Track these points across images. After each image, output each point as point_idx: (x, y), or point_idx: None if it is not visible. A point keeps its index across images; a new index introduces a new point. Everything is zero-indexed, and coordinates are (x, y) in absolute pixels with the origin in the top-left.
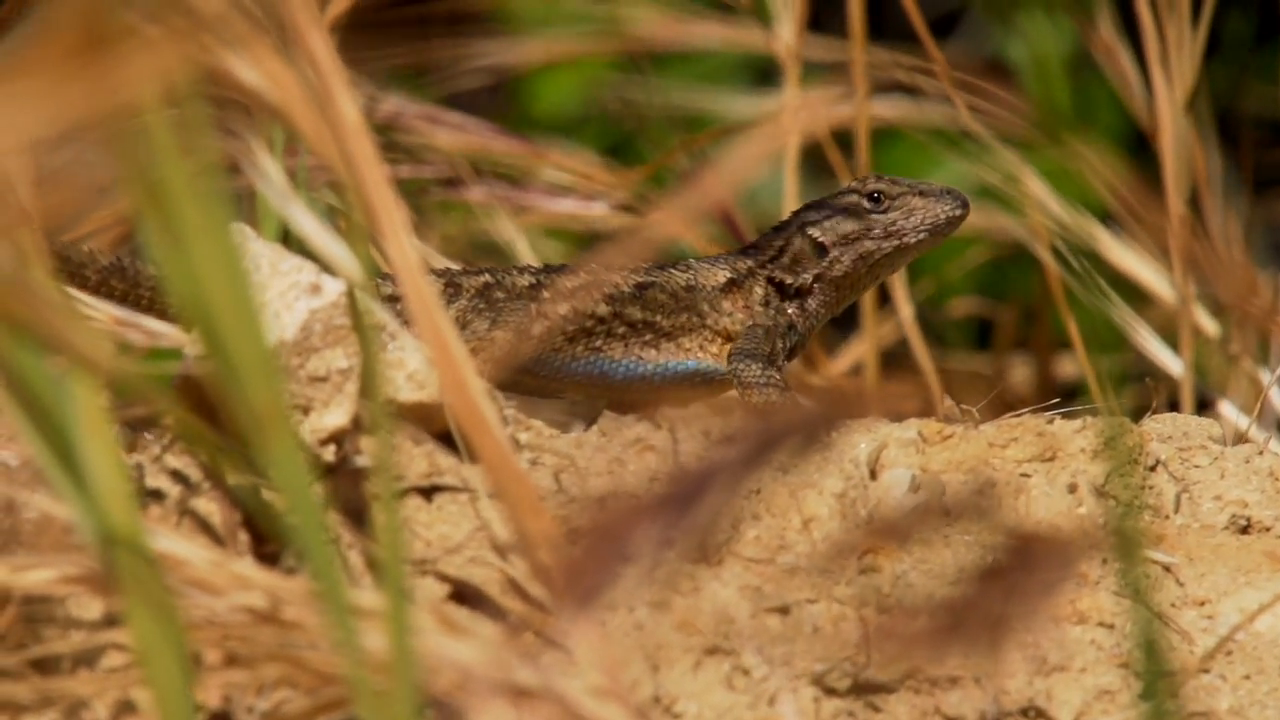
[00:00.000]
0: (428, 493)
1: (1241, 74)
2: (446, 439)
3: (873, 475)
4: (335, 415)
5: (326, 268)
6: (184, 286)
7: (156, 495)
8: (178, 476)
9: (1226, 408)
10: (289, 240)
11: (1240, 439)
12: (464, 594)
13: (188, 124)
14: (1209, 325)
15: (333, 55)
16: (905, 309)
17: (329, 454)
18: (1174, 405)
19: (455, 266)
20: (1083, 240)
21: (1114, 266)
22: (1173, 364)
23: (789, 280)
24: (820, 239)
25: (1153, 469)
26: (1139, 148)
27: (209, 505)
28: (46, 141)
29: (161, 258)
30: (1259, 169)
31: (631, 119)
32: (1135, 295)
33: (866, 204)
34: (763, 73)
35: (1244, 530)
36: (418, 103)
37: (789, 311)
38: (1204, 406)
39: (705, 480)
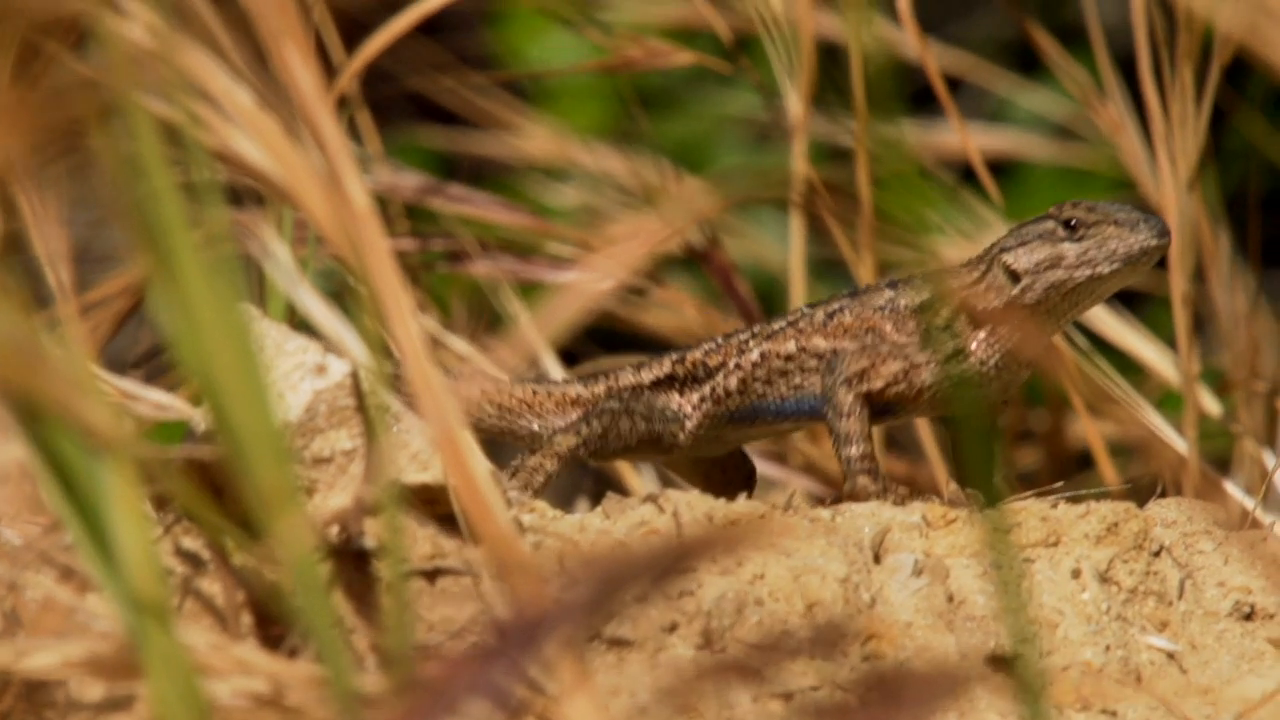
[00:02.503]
0: (431, 575)
1: (1248, 149)
2: (450, 521)
3: (876, 560)
4: (339, 497)
5: (332, 348)
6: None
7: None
8: (182, 556)
9: (1232, 491)
10: (295, 319)
11: (1245, 524)
12: None
13: (197, 196)
14: (1213, 407)
15: (341, 136)
16: None
17: (332, 535)
18: (1179, 489)
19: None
20: (1086, 318)
21: (1116, 344)
22: (1178, 443)
23: (979, 305)
24: (1013, 265)
25: (1156, 554)
26: None
27: (212, 586)
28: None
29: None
30: (1267, 244)
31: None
32: (1138, 374)
33: (1062, 231)
34: (761, 132)
35: (1248, 617)
36: (424, 174)
37: (981, 338)
38: (1210, 489)
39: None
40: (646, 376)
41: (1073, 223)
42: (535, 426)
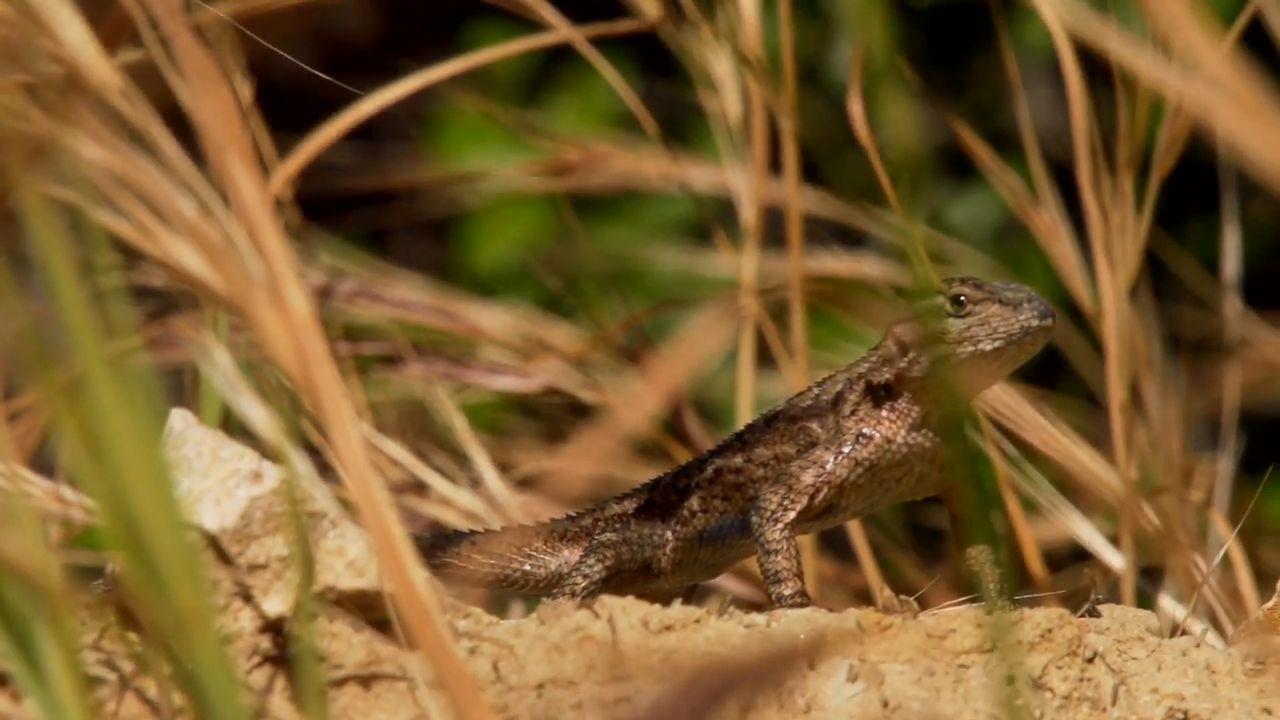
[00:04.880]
0: (366, 681)
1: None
2: (386, 627)
3: (811, 665)
4: (275, 603)
5: (268, 454)
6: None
7: (92, 682)
8: (115, 664)
9: (1165, 599)
10: (231, 423)
11: (1178, 631)
12: None
13: (107, 307)
14: (1149, 516)
15: (283, 246)
16: None
17: (270, 642)
18: (1113, 596)
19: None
20: (1016, 421)
21: (1047, 451)
22: (1112, 556)
23: (875, 380)
24: (902, 337)
25: (1090, 661)
26: (1076, 325)
27: (144, 697)
28: None
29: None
30: (1196, 349)
31: (568, 275)
32: (1071, 480)
33: (950, 307)
34: (700, 231)
35: None
36: (359, 277)
37: (883, 416)
38: (1143, 597)
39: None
40: (629, 506)
41: (960, 299)
42: (527, 567)
